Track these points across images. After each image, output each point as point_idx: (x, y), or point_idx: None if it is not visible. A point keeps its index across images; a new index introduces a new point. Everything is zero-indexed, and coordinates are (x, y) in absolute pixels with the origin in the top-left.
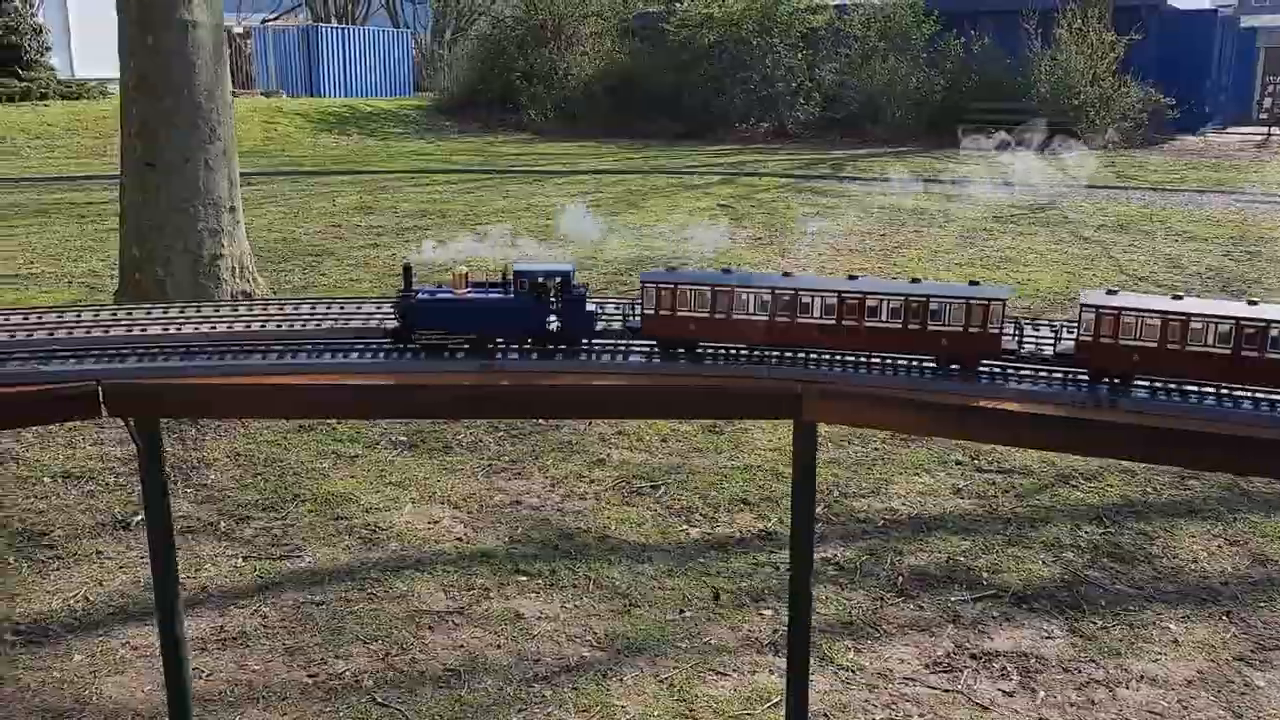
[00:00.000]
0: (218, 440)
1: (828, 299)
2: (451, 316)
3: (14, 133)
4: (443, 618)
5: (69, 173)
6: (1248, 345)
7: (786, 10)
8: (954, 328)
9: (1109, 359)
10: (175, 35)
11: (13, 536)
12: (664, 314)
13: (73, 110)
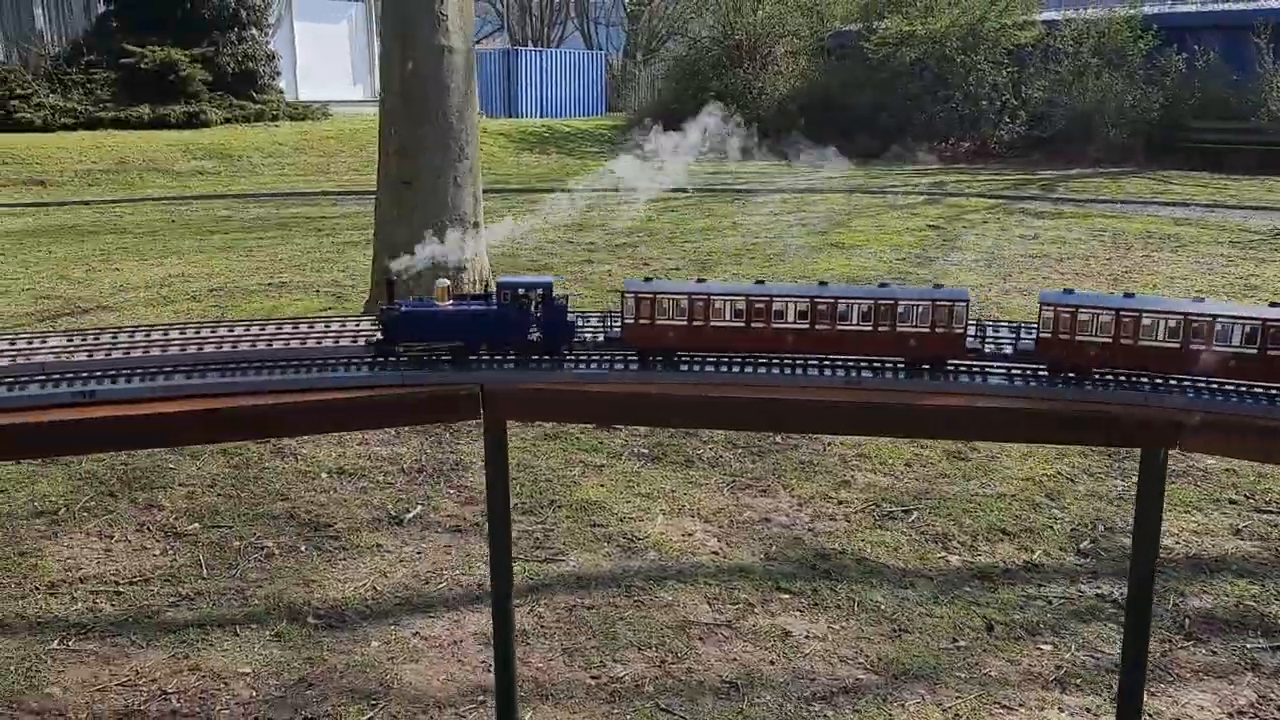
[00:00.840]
0: (470, 445)
1: (800, 305)
2: (435, 328)
3: (249, 151)
4: (711, 630)
5: (299, 189)
6: (1194, 339)
7: (993, 26)
8: (921, 329)
9: (1067, 354)
10: (432, 60)
11: (301, 527)
12: (643, 323)
13: (300, 130)
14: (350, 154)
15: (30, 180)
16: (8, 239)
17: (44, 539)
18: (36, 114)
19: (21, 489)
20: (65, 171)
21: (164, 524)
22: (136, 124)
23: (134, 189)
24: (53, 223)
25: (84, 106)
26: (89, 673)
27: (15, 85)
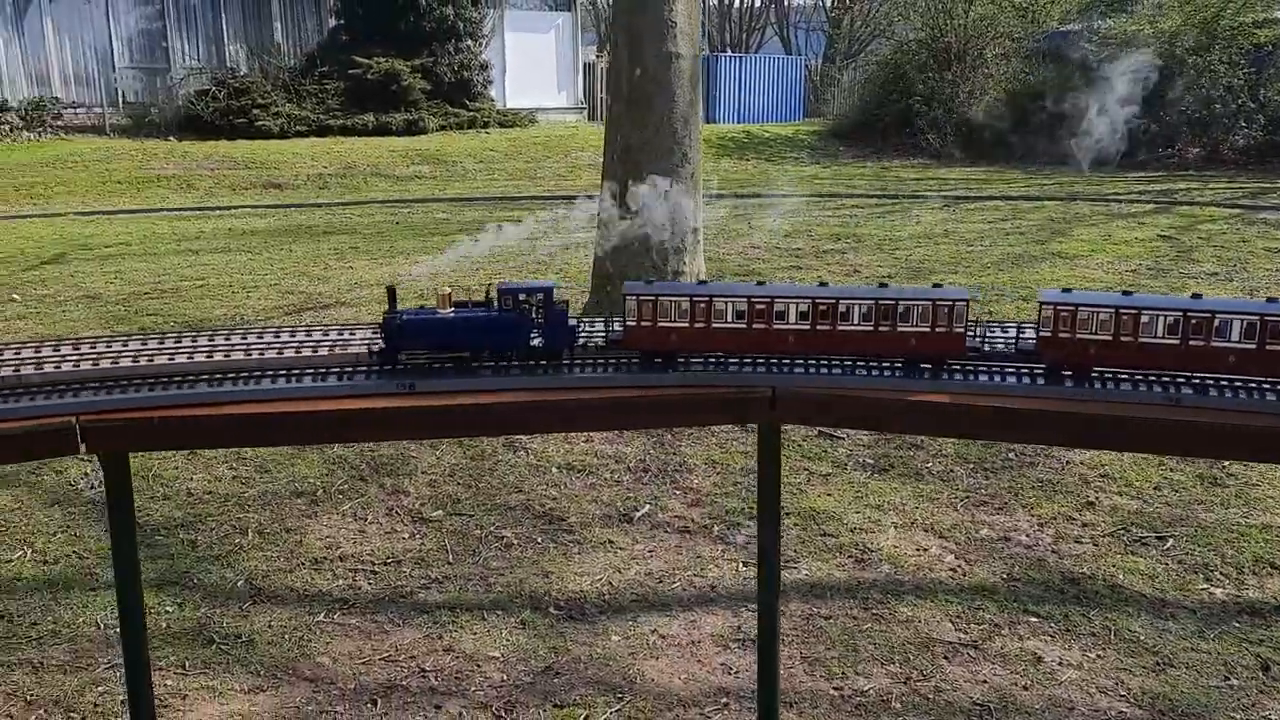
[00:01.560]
0: (691, 447)
1: (801, 306)
2: (437, 335)
3: (462, 157)
4: (957, 649)
5: (508, 193)
6: (1194, 335)
7: (1229, 25)
8: (921, 329)
9: (1068, 354)
10: (660, 66)
11: (536, 519)
12: (645, 325)
13: (508, 137)
14: (555, 160)
15: (269, 183)
16: (254, 237)
17: (305, 517)
18: (274, 121)
19: (283, 470)
20: (299, 175)
21: (411, 509)
22: (361, 131)
23: (360, 192)
24: (290, 223)
25: (316, 115)
26: (353, 646)
27: (257, 95)
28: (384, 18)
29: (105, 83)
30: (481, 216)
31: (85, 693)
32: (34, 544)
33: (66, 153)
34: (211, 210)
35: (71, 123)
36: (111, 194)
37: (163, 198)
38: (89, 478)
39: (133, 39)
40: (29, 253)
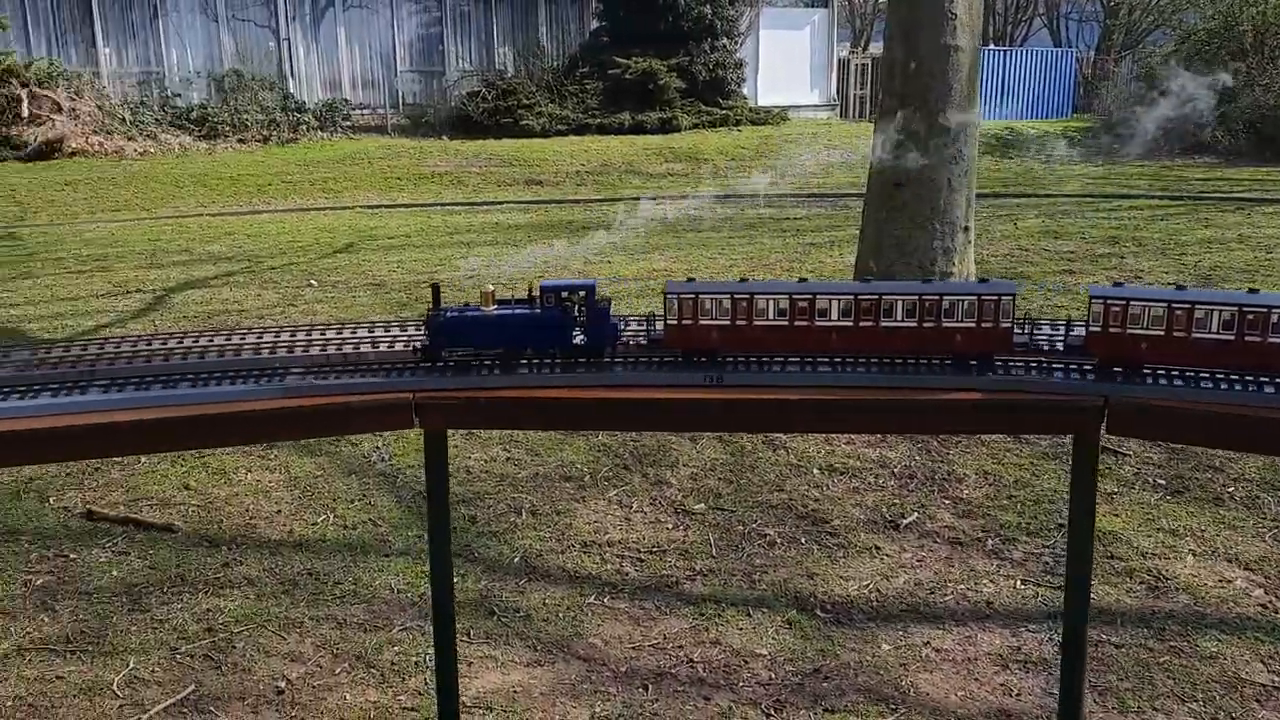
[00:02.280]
0: (962, 455)
1: (843, 302)
2: (481, 332)
3: (713, 154)
4: (1270, 693)
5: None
6: (1250, 330)
7: None
8: (967, 324)
9: (1118, 349)
10: (937, 60)
11: (799, 519)
12: (686, 323)
13: (760, 134)
14: (807, 157)
15: (530, 180)
16: (518, 231)
17: (574, 501)
18: (537, 121)
19: (552, 455)
20: (558, 173)
21: (674, 500)
22: (617, 130)
23: (615, 189)
24: (551, 218)
25: (576, 114)
26: (623, 630)
27: (522, 96)
28: (644, 18)
29: (388, 86)
30: (733, 214)
31: (383, 651)
32: (335, 509)
33: (354, 151)
34: (480, 205)
35: (359, 123)
36: (392, 189)
37: (436, 193)
38: (379, 451)
39: (413, 44)
40: (323, 242)
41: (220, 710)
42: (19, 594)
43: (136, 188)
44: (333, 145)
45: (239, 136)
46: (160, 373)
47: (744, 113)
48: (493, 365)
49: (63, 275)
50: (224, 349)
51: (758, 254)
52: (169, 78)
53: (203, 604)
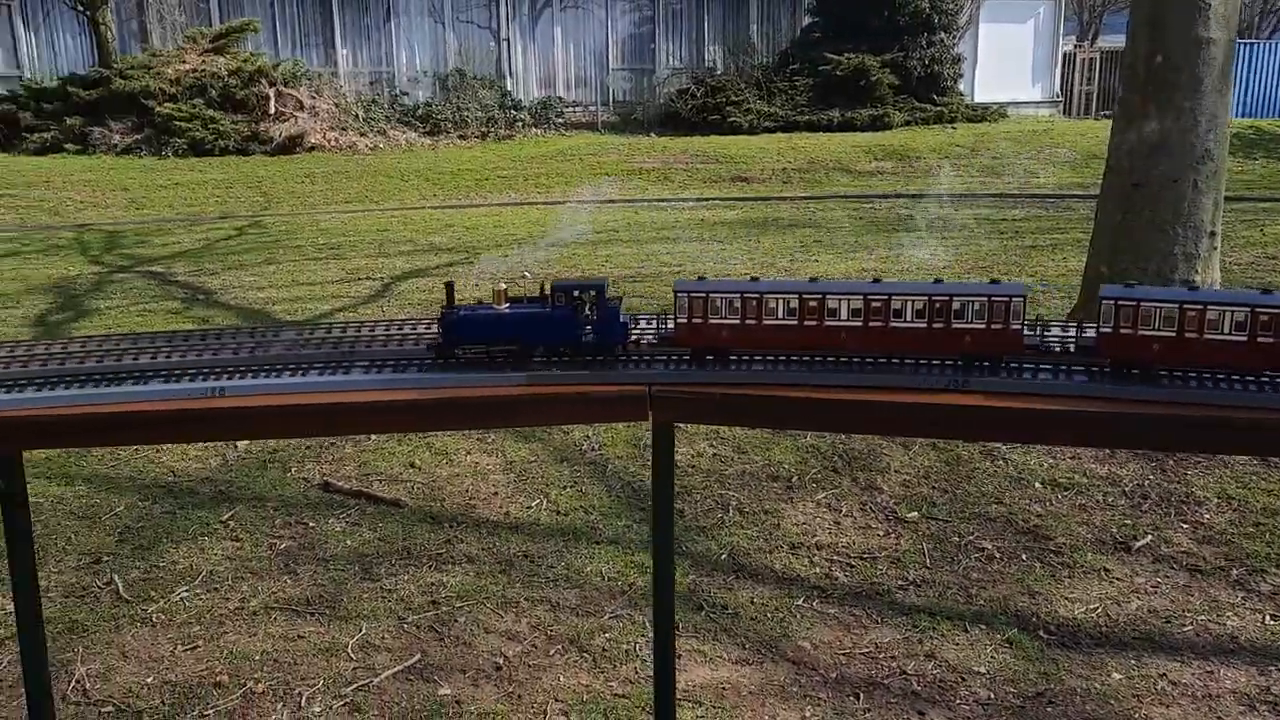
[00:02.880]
0: (1201, 477)
1: (853, 302)
2: (492, 330)
3: (926, 152)
4: None
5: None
6: (1263, 332)
7: None
8: (976, 326)
9: (1130, 350)
10: (1187, 53)
11: (1019, 534)
12: (696, 321)
13: (975, 132)
14: (1027, 156)
15: (736, 177)
16: (724, 228)
17: (781, 501)
18: (744, 118)
19: (759, 453)
20: (764, 170)
21: (884, 506)
22: (826, 127)
23: (821, 187)
24: (757, 215)
25: (784, 111)
26: (832, 635)
27: (730, 93)
28: (858, 13)
29: (600, 84)
30: (947, 213)
31: (595, 636)
32: (549, 494)
33: (566, 147)
34: (686, 201)
35: (571, 120)
36: (601, 185)
37: (643, 189)
38: (590, 440)
39: (625, 42)
40: (536, 235)
41: (443, 680)
42: (265, 556)
43: (367, 181)
44: (546, 141)
45: (460, 133)
46: (405, 357)
47: (960, 109)
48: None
49: (302, 261)
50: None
51: (974, 256)
52: (398, 77)
53: (427, 577)
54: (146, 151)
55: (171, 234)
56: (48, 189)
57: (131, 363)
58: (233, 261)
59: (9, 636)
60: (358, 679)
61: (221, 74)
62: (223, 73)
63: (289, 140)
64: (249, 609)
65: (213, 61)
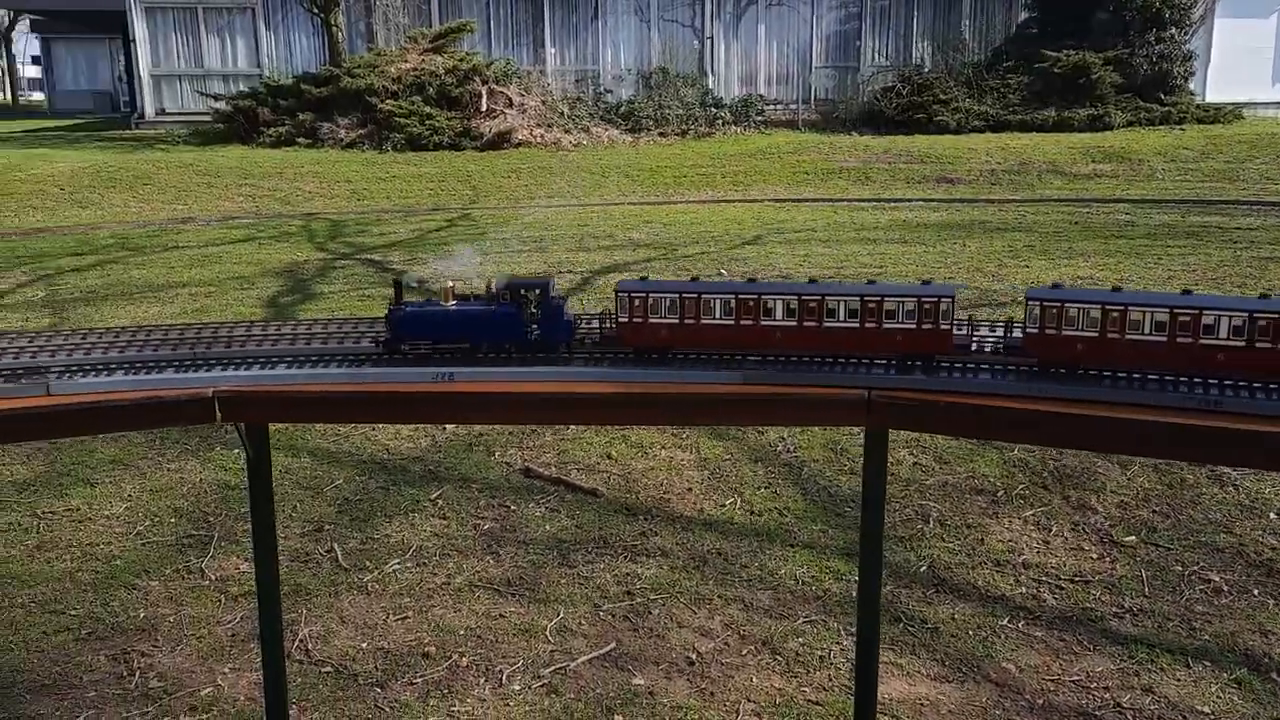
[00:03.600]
0: None
1: (789, 302)
2: (439, 327)
3: (1150, 155)
4: None
5: (1204, 196)
6: (1182, 332)
7: None
8: (907, 326)
9: (1055, 350)
10: None
11: (1250, 567)
12: (637, 321)
13: (1207, 134)
14: (1266, 160)
15: (941, 178)
16: (927, 230)
17: (985, 516)
18: (952, 117)
19: (962, 465)
20: (971, 171)
21: (1099, 528)
22: (1038, 127)
23: (1033, 189)
24: (962, 218)
25: (994, 110)
26: (1039, 660)
27: (938, 91)
28: (1079, 8)
29: (802, 81)
30: (1172, 220)
31: (789, 640)
32: (743, 494)
33: (765, 145)
34: (887, 202)
35: (771, 118)
36: (800, 183)
37: (843, 189)
38: (785, 441)
39: (829, 39)
40: (733, 233)
41: (637, 670)
42: (470, 536)
43: (569, 176)
44: (745, 140)
45: (660, 130)
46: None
47: (1189, 110)
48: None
49: (507, 254)
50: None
51: (1202, 266)
52: (602, 75)
53: (622, 568)
54: (368, 146)
55: (388, 224)
56: (280, 180)
57: (353, 346)
58: (443, 252)
59: (241, 594)
60: (555, 662)
61: (439, 72)
62: (440, 71)
63: (498, 136)
64: (454, 585)
65: (431, 60)
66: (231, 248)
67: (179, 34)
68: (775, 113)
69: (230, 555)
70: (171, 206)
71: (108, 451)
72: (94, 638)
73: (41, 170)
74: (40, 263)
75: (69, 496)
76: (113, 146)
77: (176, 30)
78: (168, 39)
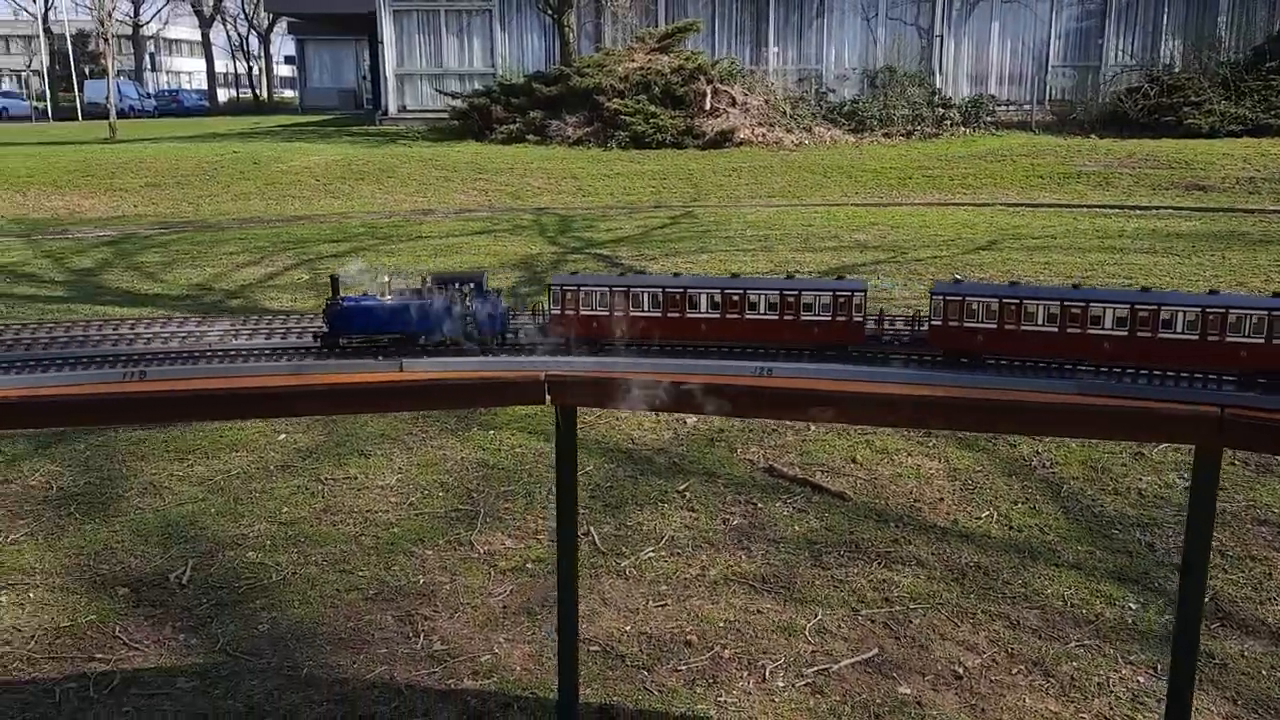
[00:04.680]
0: None
1: (713, 296)
2: (375, 321)
3: None
4: None
5: None
6: (1070, 324)
7: None
8: (823, 318)
9: (957, 341)
10: None
11: None
12: (569, 314)
13: None
14: None
15: (1191, 185)
16: (1179, 240)
17: (1271, 549)
18: (1205, 120)
19: (1240, 492)
20: (1226, 178)
21: None
22: None
23: None
24: (1218, 228)
25: (1254, 113)
26: None
27: (1190, 92)
28: None
29: (1036, 81)
30: None
31: (1060, 662)
32: (998, 507)
33: (996, 147)
34: (1132, 209)
35: (1002, 119)
36: (1034, 188)
37: (1081, 194)
38: (1039, 456)
39: (1067, 37)
40: (965, 238)
41: (902, 679)
42: (719, 530)
43: (790, 176)
44: (974, 141)
45: (884, 130)
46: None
47: None
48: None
49: (732, 252)
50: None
51: None
52: (825, 74)
53: (877, 574)
54: (593, 143)
55: (614, 220)
56: (511, 175)
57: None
58: (669, 249)
59: (508, 569)
60: (817, 663)
61: (665, 72)
62: (666, 71)
63: (719, 135)
64: (709, 577)
65: (657, 60)
66: (470, 239)
67: (422, 35)
68: (1006, 113)
69: (496, 531)
70: (413, 198)
71: (376, 426)
72: (380, 598)
73: (299, 162)
74: (302, 248)
75: (347, 465)
76: (359, 141)
77: (420, 31)
78: (411, 39)
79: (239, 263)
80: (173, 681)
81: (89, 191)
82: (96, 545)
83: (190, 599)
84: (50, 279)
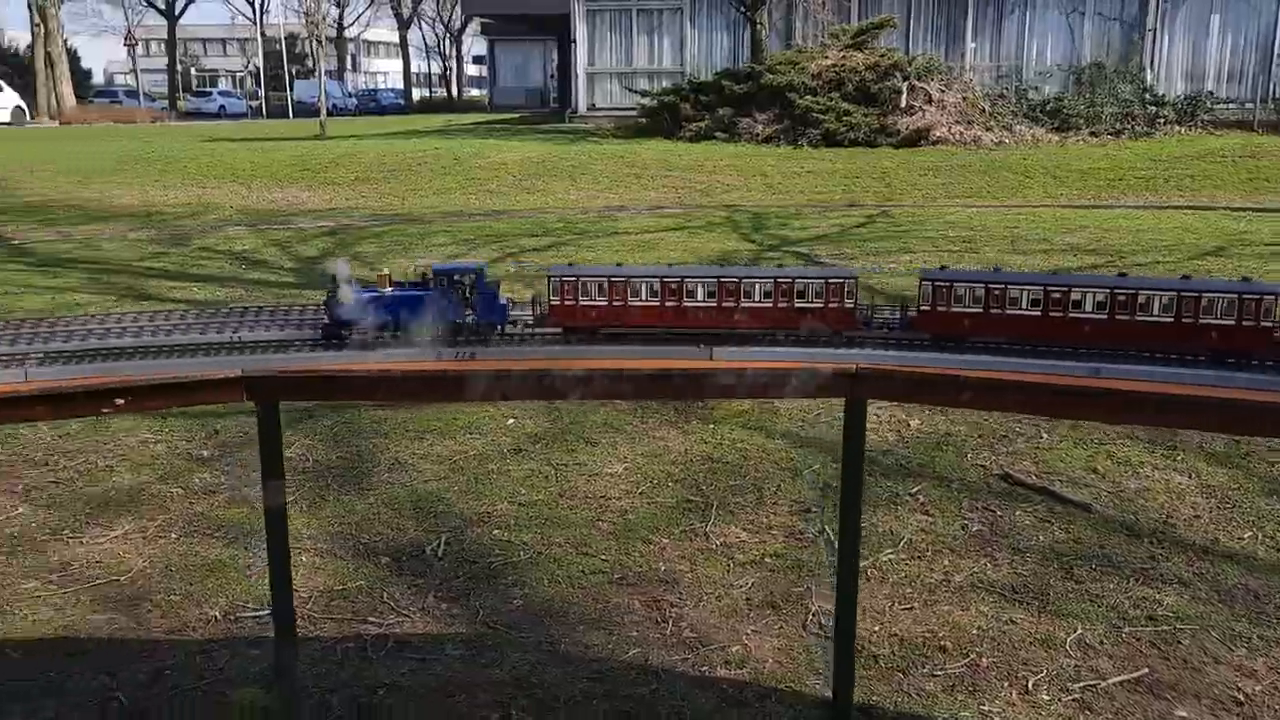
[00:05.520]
0: None
1: (709, 285)
2: (375, 312)
3: None
4: None
5: None
6: (1054, 308)
7: None
8: (815, 305)
9: (944, 325)
10: None
11: None
12: (568, 303)
13: None
14: None
15: None
16: None
17: None
18: None
19: None
20: None
21: None
22: None
23: None
24: None
25: None
26: None
27: None
28: None
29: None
30: None
31: None
32: (1262, 527)
33: (1215, 147)
34: None
35: (1219, 118)
36: (1260, 191)
37: None
38: None
39: None
40: (1188, 243)
41: (1178, 702)
42: (959, 535)
43: (989, 176)
44: (1191, 141)
45: (1091, 129)
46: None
47: None
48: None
49: (935, 253)
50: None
51: None
52: (1025, 71)
53: (1136, 590)
54: (783, 141)
55: (807, 218)
56: (700, 172)
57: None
58: (869, 248)
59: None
60: (1083, 678)
61: (859, 69)
62: (860, 67)
63: (914, 133)
64: (954, 583)
65: (851, 57)
66: (664, 235)
67: (613, 34)
68: (1225, 112)
69: (729, 524)
70: (605, 195)
71: (598, 415)
72: (625, 583)
73: (494, 158)
74: (504, 241)
75: (575, 452)
76: (550, 138)
77: (611, 30)
78: (603, 39)
79: (449, 254)
80: (442, 648)
81: (306, 184)
82: (355, 516)
83: (447, 571)
84: (280, 265)
